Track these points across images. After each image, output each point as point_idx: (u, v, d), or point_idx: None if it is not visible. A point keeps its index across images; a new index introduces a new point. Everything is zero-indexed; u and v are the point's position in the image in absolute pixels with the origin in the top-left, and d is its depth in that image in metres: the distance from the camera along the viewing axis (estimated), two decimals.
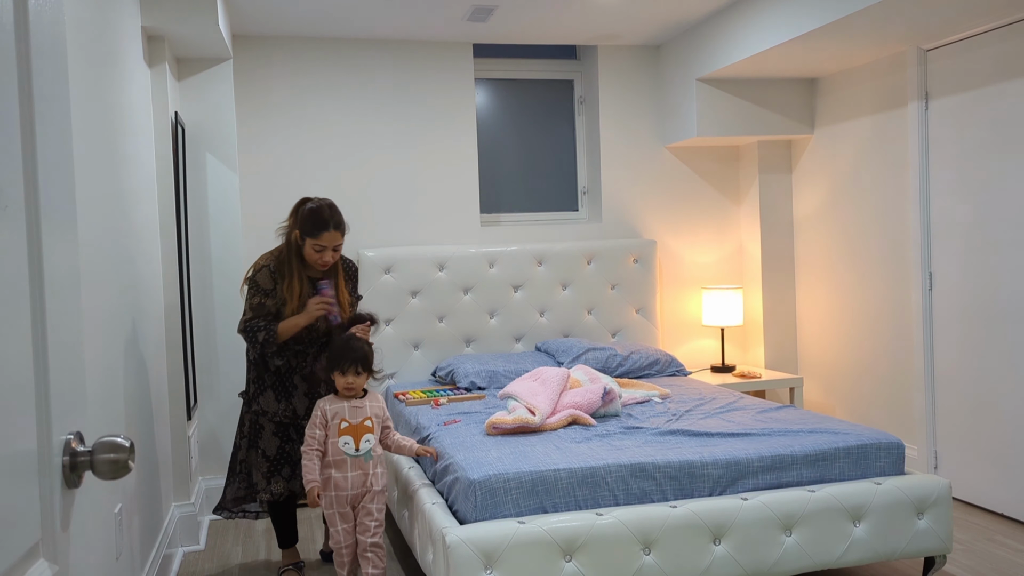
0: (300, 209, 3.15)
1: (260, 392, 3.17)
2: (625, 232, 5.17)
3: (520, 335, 4.85)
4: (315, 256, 3.12)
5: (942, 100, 4.03)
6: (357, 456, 2.90)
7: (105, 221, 2.47)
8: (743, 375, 4.82)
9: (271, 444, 3.19)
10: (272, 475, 3.18)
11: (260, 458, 3.19)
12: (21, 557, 0.87)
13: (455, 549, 2.49)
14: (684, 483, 2.82)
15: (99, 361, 2.28)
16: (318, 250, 3.10)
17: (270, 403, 3.17)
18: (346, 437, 2.88)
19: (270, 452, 3.19)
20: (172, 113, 3.63)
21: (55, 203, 1.02)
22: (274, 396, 3.17)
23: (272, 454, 3.19)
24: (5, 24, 0.89)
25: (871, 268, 4.54)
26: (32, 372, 0.94)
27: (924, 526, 2.92)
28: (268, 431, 3.19)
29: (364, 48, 4.75)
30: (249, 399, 3.20)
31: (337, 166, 4.72)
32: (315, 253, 3.11)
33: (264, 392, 3.17)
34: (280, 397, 3.18)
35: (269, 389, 3.17)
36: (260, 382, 3.17)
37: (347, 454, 2.89)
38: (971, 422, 3.93)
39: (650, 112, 5.19)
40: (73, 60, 2.13)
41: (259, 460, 3.19)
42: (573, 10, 4.31)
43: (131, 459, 1.06)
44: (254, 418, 3.20)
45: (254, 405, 3.18)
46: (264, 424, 3.18)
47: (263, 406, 3.17)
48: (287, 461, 3.20)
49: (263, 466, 3.18)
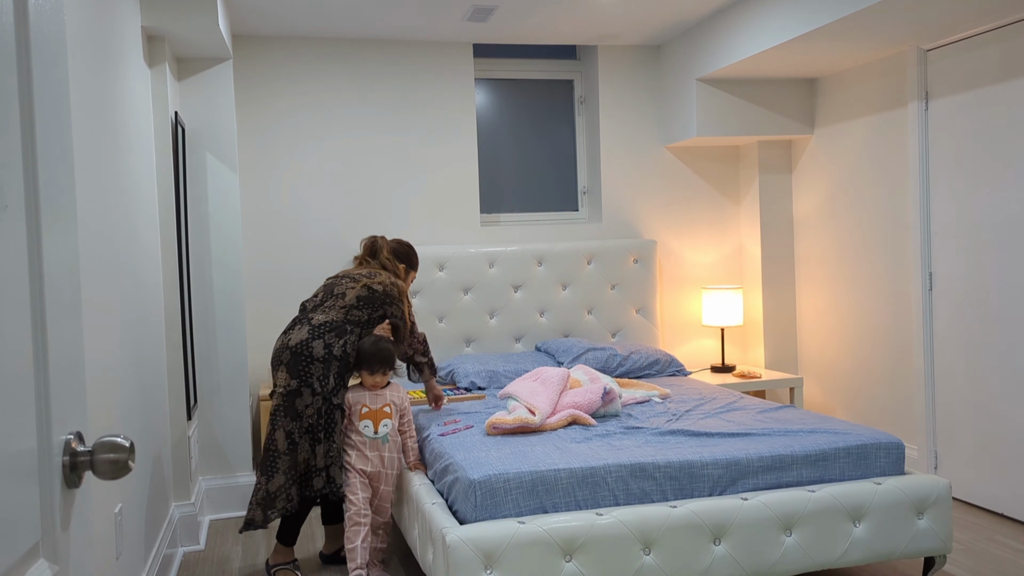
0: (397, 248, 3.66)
1: (341, 386, 3.27)
2: (625, 232, 5.17)
3: (520, 335, 4.85)
4: (408, 285, 3.63)
5: (942, 100, 4.03)
6: (375, 439, 3.20)
7: (105, 221, 2.47)
8: (743, 375, 4.82)
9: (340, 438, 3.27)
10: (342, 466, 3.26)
11: (335, 451, 3.24)
12: (21, 557, 0.87)
13: (455, 549, 2.49)
14: (684, 483, 2.82)
15: (99, 361, 2.28)
16: (412, 279, 3.69)
17: (343, 398, 3.28)
18: (366, 421, 3.20)
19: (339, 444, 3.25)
20: (172, 113, 3.63)
21: (55, 203, 1.02)
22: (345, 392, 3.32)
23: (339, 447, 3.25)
24: (5, 24, 0.89)
25: (871, 268, 4.54)
26: (32, 372, 0.94)
27: (924, 526, 2.92)
28: (339, 426, 3.27)
29: (364, 48, 4.75)
30: (328, 392, 3.20)
31: (337, 166, 4.73)
32: (409, 282, 3.66)
33: (342, 388, 3.28)
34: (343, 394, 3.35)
35: (343, 387, 3.29)
36: (340, 378, 3.27)
37: (366, 436, 3.19)
38: (971, 422, 3.93)
39: (650, 112, 5.19)
40: (73, 60, 2.13)
41: (333, 453, 3.24)
42: (573, 10, 4.31)
43: (131, 459, 1.06)
44: (331, 410, 3.22)
45: (335, 398, 3.23)
46: (338, 419, 3.25)
47: (341, 400, 3.26)
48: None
49: (338, 458, 3.23)
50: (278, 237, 4.66)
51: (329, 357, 3.24)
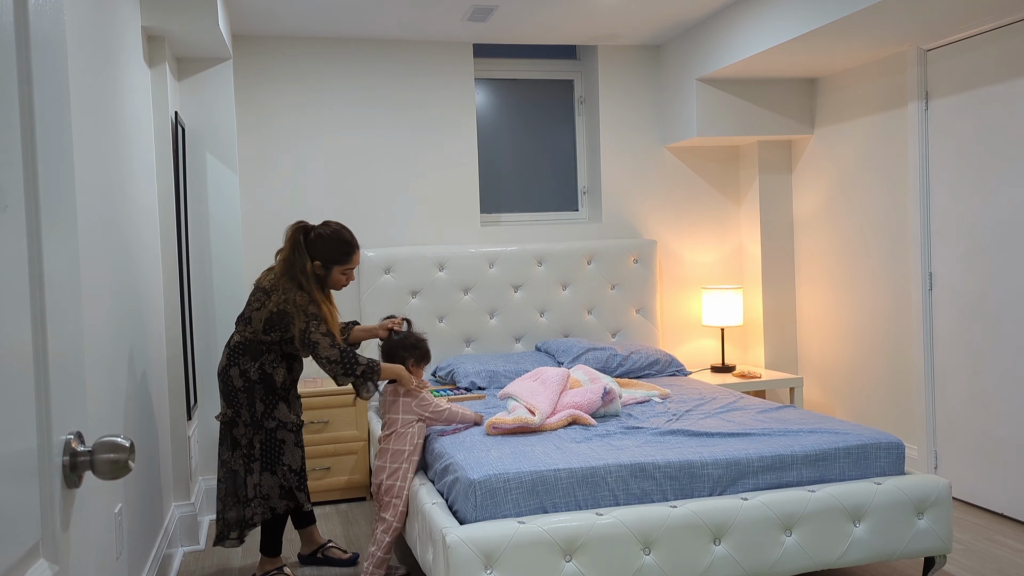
0: (313, 238, 3.10)
1: (273, 407, 3.14)
2: (625, 232, 5.17)
3: (520, 335, 4.85)
4: (342, 280, 3.16)
5: (942, 100, 4.03)
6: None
7: (105, 221, 2.47)
8: (743, 375, 4.82)
9: (295, 455, 3.18)
10: (302, 485, 3.20)
11: (288, 472, 3.16)
12: (21, 557, 0.87)
13: (455, 549, 2.49)
14: (684, 483, 2.82)
15: (99, 361, 2.28)
16: (345, 272, 3.15)
17: (284, 413, 3.16)
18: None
19: (296, 464, 3.18)
20: (172, 113, 3.63)
21: (55, 203, 1.02)
22: (286, 407, 3.18)
23: (298, 465, 3.19)
24: (5, 24, 0.89)
25: (871, 268, 4.54)
26: (32, 372, 0.94)
27: (924, 526, 2.92)
28: (290, 443, 3.17)
29: (364, 48, 4.75)
30: (259, 418, 3.11)
31: (337, 165, 4.72)
32: (342, 276, 3.15)
33: (277, 405, 3.15)
34: (290, 406, 3.20)
35: (281, 401, 3.16)
36: (270, 397, 3.14)
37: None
38: (971, 422, 3.93)
39: (650, 112, 5.19)
40: (73, 60, 2.13)
41: (288, 475, 3.16)
42: (573, 10, 4.31)
43: (131, 459, 1.06)
44: (269, 435, 3.13)
45: (269, 422, 3.12)
46: (285, 437, 3.15)
47: (280, 418, 3.15)
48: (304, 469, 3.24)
49: (293, 479, 3.16)
50: (278, 237, 4.65)
51: (249, 385, 3.10)
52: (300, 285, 3.07)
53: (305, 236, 3.13)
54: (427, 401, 3.18)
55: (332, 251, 3.10)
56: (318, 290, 3.11)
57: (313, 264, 3.09)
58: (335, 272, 3.13)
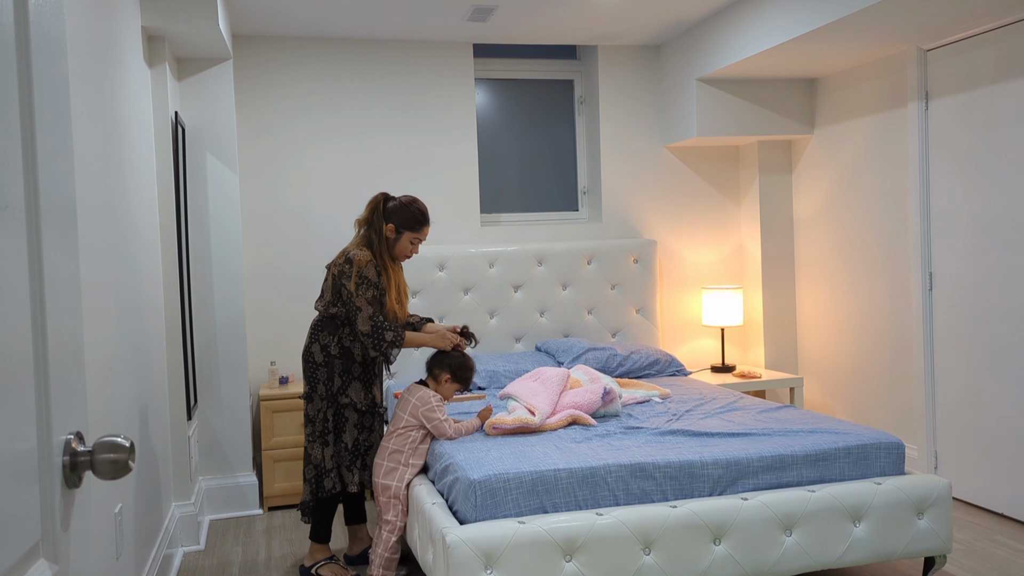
0: (396, 204, 3.28)
1: (347, 384, 3.25)
2: (625, 232, 5.17)
3: (520, 335, 4.85)
4: (409, 249, 3.30)
5: (942, 100, 4.03)
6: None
7: (105, 221, 2.47)
8: (743, 375, 4.82)
9: (351, 435, 3.27)
10: (352, 465, 3.27)
11: (344, 451, 3.26)
12: (21, 557, 0.87)
13: (455, 549, 2.49)
14: (684, 483, 2.82)
15: (99, 361, 2.28)
16: (414, 242, 3.30)
17: (358, 393, 3.26)
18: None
19: (350, 443, 3.27)
20: (172, 113, 3.63)
21: (55, 203, 1.02)
22: (361, 386, 3.27)
23: (351, 445, 3.27)
24: (5, 24, 0.89)
25: (871, 268, 4.54)
26: (32, 372, 0.94)
27: (924, 526, 2.92)
28: (351, 422, 3.26)
29: (364, 48, 4.75)
30: (334, 393, 3.23)
31: (337, 165, 4.72)
32: (410, 246, 3.30)
33: (352, 383, 3.25)
34: (365, 387, 3.29)
35: (356, 380, 3.26)
36: (347, 374, 3.24)
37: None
38: (971, 422, 3.93)
39: (650, 112, 5.19)
40: (73, 60, 2.13)
41: (343, 453, 3.26)
42: (573, 10, 4.31)
43: (131, 459, 1.06)
44: (339, 411, 3.25)
45: (342, 398, 3.23)
46: (349, 416, 3.26)
47: (352, 397, 3.25)
48: (360, 453, 3.30)
49: (346, 458, 3.26)
50: (278, 237, 4.65)
51: (329, 359, 3.25)
52: (370, 243, 3.25)
53: (385, 203, 3.31)
54: (434, 416, 3.16)
55: (407, 217, 3.27)
56: (387, 253, 3.27)
57: (387, 227, 3.27)
58: (405, 238, 3.28)
